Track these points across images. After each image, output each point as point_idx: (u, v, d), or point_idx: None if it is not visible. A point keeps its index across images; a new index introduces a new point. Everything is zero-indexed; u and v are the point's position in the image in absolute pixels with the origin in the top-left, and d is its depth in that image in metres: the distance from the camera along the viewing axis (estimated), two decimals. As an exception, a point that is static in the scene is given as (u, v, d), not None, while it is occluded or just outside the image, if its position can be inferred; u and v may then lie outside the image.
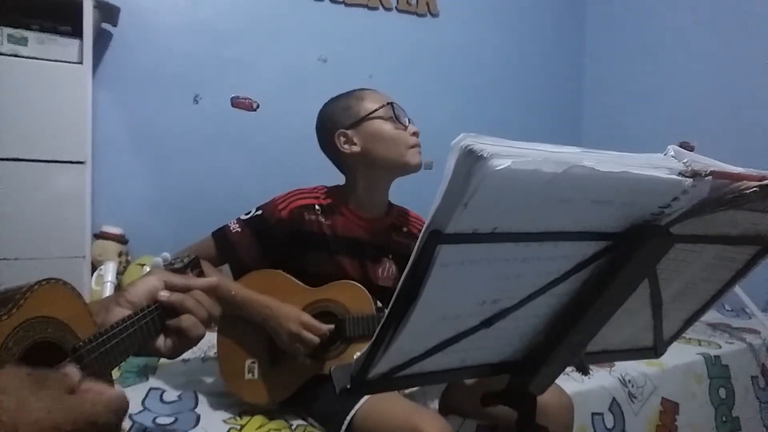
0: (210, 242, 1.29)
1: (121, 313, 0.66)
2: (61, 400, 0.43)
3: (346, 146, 1.29)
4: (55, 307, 0.57)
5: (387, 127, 1.28)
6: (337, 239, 1.30)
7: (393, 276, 1.37)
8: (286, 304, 1.21)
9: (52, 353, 0.55)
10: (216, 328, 1.31)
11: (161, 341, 0.70)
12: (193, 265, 0.80)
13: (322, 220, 1.30)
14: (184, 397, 1.32)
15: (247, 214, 1.30)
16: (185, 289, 0.71)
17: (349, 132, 1.29)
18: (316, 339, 1.17)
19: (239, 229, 1.27)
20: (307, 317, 1.19)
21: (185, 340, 0.70)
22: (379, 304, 1.29)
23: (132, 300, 0.68)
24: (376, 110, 1.28)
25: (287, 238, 1.28)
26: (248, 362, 1.25)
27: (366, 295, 1.24)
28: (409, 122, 1.30)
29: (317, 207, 1.31)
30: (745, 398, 1.86)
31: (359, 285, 1.26)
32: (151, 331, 0.67)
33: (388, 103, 1.29)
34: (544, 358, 0.63)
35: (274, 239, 1.28)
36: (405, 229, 1.39)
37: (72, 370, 0.49)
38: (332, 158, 1.36)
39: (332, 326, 1.20)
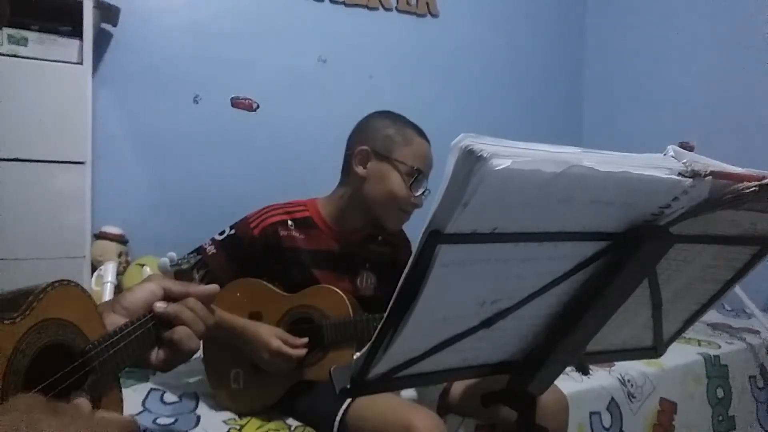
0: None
1: (115, 319, 0.66)
2: (74, 421, 0.43)
3: (357, 162, 1.29)
4: (67, 309, 0.57)
5: (398, 182, 1.27)
6: (311, 253, 1.31)
7: (373, 285, 1.37)
8: (261, 327, 1.21)
9: (62, 354, 0.56)
10: None
11: (154, 353, 0.68)
12: (199, 267, 0.80)
13: (296, 234, 1.30)
14: (185, 398, 1.32)
15: (221, 234, 1.30)
16: (184, 296, 0.70)
17: (371, 155, 1.29)
18: (291, 365, 1.18)
19: (214, 251, 1.28)
20: (277, 344, 1.17)
21: (178, 353, 0.68)
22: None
23: (127, 306, 0.67)
24: (405, 164, 1.26)
25: (262, 256, 1.29)
26: (233, 372, 1.26)
27: (343, 300, 1.24)
28: (423, 194, 1.29)
29: (290, 222, 1.31)
30: (741, 398, 1.86)
31: (336, 289, 1.25)
32: (147, 342, 0.66)
33: (416, 169, 1.27)
34: (544, 358, 0.63)
35: (248, 258, 1.29)
36: (380, 238, 1.40)
37: (83, 401, 0.49)
38: (344, 161, 1.37)
39: (306, 340, 1.20)
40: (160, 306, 0.67)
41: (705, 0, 2.70)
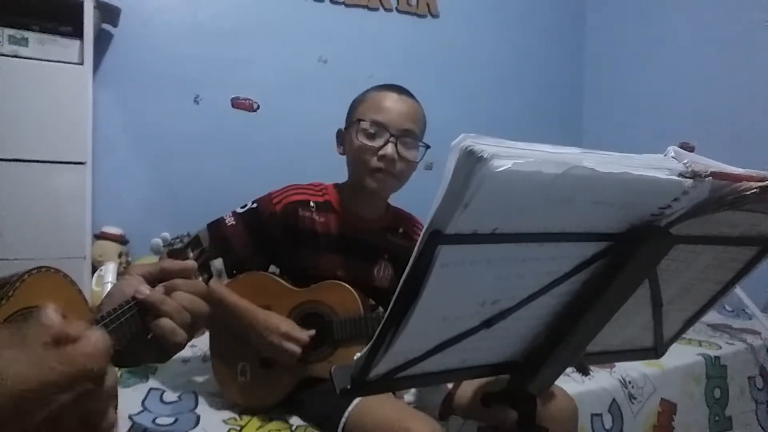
0: (205, 234, 1.26)
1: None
2: (49, 352, 0.39)
3: (338, 145, 1.32)
4: (47, 297, 0.54)
5: (357, 140, 1.23)
6: (330, 237, 1.29)
7: (389, 277, 1.35)
8: (270, 313, 1.21)
9: None
10: (206, 332, 1.31)
11: (144, 344, 0.63)
12: (193, 245, 0.78)
13: (316, 217, 1.29)
14: (184, 398, 1.32)
15: (242, 208, 1.28)
16: (161, 275, 0.64)
17: (342, 131, 1.31)
18: (297, 350, 1.16)
19: (233, 222, 1.25)
20: (287, 327, 1.17)
21: (165, 347, 0.62)
22: (372, 302, 1.28)
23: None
24: (361, 119, 1.23)
25: (280, 233, 1.27)
26: (240, 365, 1.25)
27: (353, 296, 1.22)
28: (391, 143, 1.20)
29: (312, 204, 1.29)
30: (739, 398, 1.86)
31: (347, 285, 1.24)
32: (132, 328, 0.61)
33: (372, 121, 1.21)
34: (544, 359, 0.63)
35: (266, 233, 1.26)
36: (401, 230, 1.38)
37: (50, 316, 0.42)
38: None
39: (313, 331, 1.19)
40: (141, 291, 0.61)
41: (705, 0, 2.70)
